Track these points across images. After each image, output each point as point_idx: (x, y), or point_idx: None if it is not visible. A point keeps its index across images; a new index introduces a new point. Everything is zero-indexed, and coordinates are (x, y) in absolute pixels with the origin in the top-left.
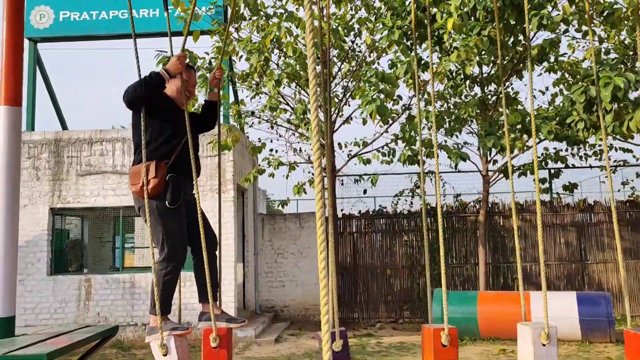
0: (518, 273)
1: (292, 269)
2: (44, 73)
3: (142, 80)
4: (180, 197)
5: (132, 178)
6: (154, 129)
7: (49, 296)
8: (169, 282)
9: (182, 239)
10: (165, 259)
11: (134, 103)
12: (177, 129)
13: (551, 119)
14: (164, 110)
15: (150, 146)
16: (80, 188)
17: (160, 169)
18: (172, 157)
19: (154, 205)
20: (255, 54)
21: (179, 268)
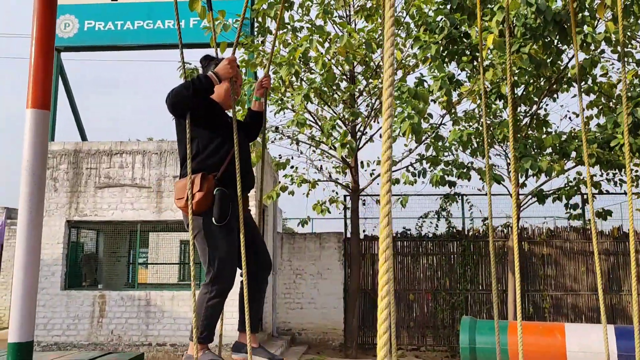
0: (600, 304)
1: (311, 291)
2: (66, 83)
3: (189, 82)
4: (229, 213)
5: (177, 192)
6: (201, 139)
7: (62, 312)
8: (213, 307)
9: (232, 259)
10: (211, 282)
11: (178, 106)
12: (226, 137)
13: (591, 141)
14: (212, 117)
15: (197, 158)
16: (98, 201)
17: (207, 182)
18: (220, 168)
19: (200, 222)
20: (286, 67)
21: (227, 292)
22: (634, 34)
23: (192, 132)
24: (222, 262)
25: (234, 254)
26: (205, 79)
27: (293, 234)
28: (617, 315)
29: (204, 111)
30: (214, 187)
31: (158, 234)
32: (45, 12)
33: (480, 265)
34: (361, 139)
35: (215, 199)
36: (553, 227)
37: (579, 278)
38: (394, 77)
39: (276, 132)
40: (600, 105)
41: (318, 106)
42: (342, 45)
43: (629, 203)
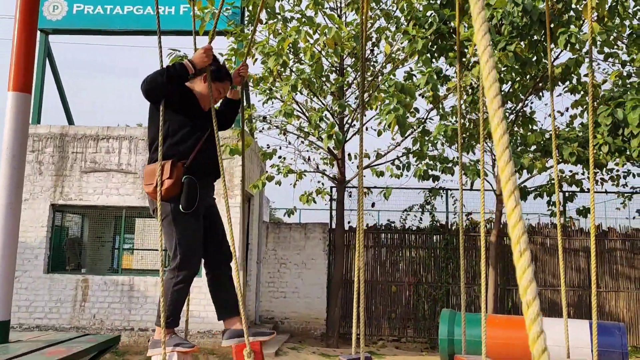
0: (562, 299)
1: (295, 280)
2: (53, 66)
3: (164, 69)
4: (196, 202)
5: (147, 178)
6: (172, 123)
7: (44, 295)
8: (178, 292)
9: (198, 246)
10: (177, 268)
11: (152, 92)
12: (198, 126)
13: (572, 140)
14: (187, 105)
15: (167, 142)
16: (84, 185)
17: (176, 170)
18: (190, 156)
19: (168, 209)
20: (274, 57)
21: (192, 278)
22: (620, 36)
23: (164, 115)
24: (189, 249)
25: (199, 241)
26: (180, 67)
27: (278, 223)
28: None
29: (179, 97)
30: (183, 174)
31: (144, 220)
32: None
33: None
34: (349, 131)
35: (183, 186)
36: (535, 223)
37: (558, 274)
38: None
39: (264, 121)
40: (585, 105)
41: (307, 97)
42: (331, 37)
43: (592, 199)
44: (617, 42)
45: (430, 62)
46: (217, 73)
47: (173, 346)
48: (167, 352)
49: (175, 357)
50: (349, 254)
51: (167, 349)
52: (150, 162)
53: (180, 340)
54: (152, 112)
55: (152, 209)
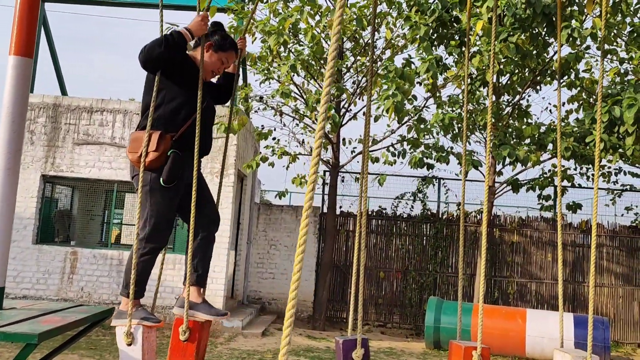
0: (559, 292)
1: (284, 262)
2: (48, 34)
3: (161, 38)
4: (177, 178)
5: (132, 144)
6: (168, 92)
7: (32, 266)
8: (144, 263)
9: (169, 221)
10: (145, 239)
11: (150, 62)
12: (192, 98)
13: (568, 135)
14: (186, 75)
15: (159, 110)
16: (76, 157)
17: (164, 142)
18: (179, 130)
19: (148, 178)
20: (274, 36)
21: (158, 251)
22: (620, 33)
23: (160, 83)
24: (159, 221)
25: (172, 216)
26: (178, 35)
27: (270, 205)
28: (579, 304)
29: (179, 66)
30: (170, 148)
31: (134, 195)
32: None
33: (452, 248)
34: (345, 116)
35: (168, 160)
36: (525, 216)
37: (545, 267)
38: None
39: (260, 101)
40: (581, 100)
41: (304, 79)
42: (333, 18)
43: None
44: (617, 39)
45: (431, 50)
46: (222, 42)
47: (140, 319)
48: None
49: (140, 330)
50: (339, 238)
51: (133, 321)
52: (139, 128)
53: (147, 314)
54: (149, 78)
55: (132, 175)
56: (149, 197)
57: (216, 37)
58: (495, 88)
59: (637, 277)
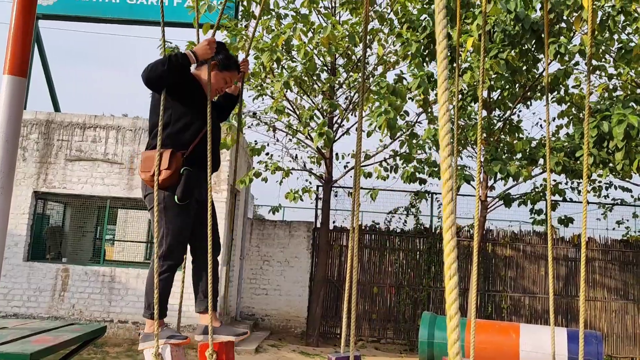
0: (550, 307)
1: (277, 278)
2: (42, 51)
3: (165, 58)
4: (191, 195)
5: (144, 164)
6: (175, 111)
7: (23, 283)
8: (164, 281)
9: (184, 238)
10: (162, 257)
11: (153, 81)
12: (198, 116)
13: (558, 150)
14: (191, 93)
15: (167, 130)
16: (68, 173)
17: (175, 160)
18: (190, 147)
19: (161, 197)
20: (268, 53)
21: (176, 268)
22: (608, 49)
23: (166, 102)
24: (175, 239)
25: (187, 233)
26: (182, 57)
27: (263, 220)
28: (573, 318)
29: (183, 85)
30: (182, 165)
31: (127, 211)
32: None
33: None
34: (337, 131)
35: (181, 178)
36: (518, 230)
37: (538, 281)
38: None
39: (253, 117)
40: (571, 116)
41: (297, 95)
42: (326, 35)
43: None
44: (605, 55)
45: (422, 66)
46: (226, 62)
47: (166, 338)
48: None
49: (167, 349)
50: (332, 253)
51: (160, 341)
52: (148, 147)
53: (173, 332)
54: (154, 98)
55: (145, 194)
56: (164, 215)
57: (220, 56)
58: (486, 103)
59: (630, 291)
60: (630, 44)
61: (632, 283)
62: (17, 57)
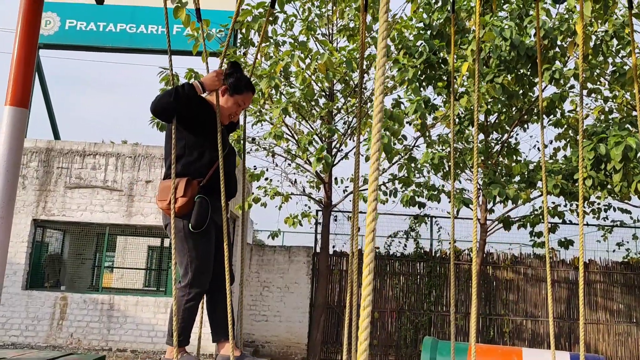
0: (550, 332)
1: (277, 304)
2: (42, 80)
3: (172, 90)
4: (206, 221)
5: (161, 193)
6: (189, 140)
7: (21, 312)
8: (190, 309)
9: (209, 264)
10: (189, 285)
11: (160, 111)
12: (213, 143)
13: (556, 172)
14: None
15: (182, 160)
16: (67, 201)
17: (191, 188)
18: (206, 175)
19: (180, 225)
20: (266, 80)
21: (202, 296)
22: (603, 72)
23: (180, 133)
24: (200, 266)
25: (210, 259)
26: (189, 87)
27: (262, 245)
28: (575, 341)
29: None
30: (197, 193)
31: (126, 238)
32: (31, 11)
33: (446, 287)
34: (336, 156)
35: (195, 205)
36: (518, 253)
37: (540, 304)
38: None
39: (252, 143)
40: (568, 138)
41: (296, 120)
42: (323, 62)
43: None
44: (600, 78)
45: (419, 91)
46: (237, 84)
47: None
48: None
49: None
50: (332, 278)
51: None
52: (165, 177)
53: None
54: (168, 127)
55: (165, 224)
56: (185, 243)
57: (231, 79)
58: (483, 127)
59: (632, 314)
60: (624, 67)
61: (635, 305)
62: (18, 88)
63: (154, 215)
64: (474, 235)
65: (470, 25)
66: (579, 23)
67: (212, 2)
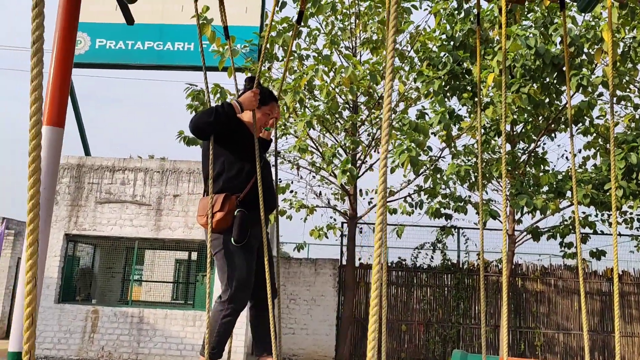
0: (585, 346)
1: (304, 317)
2: (73, 98)
3: (212, 109)
4: (248, 235)
5: (200, 209)
6: (227, 157)
7: (54, 325)
8: (226, 324)
9: (249, 280)
10: (228, 300)
11: (200, 130)
12: (251, 158)
13: (586, 182)
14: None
15: (222, 177)
16: (98, 216)
17: (228, 202)
18: (244, 189)
19: (220, 241)
20: (291, 94)
21: (240, 311)
22: (632, 79)
23: (218, 150)
24: (240, 282)
25: (251, 275)
26: (229, 107)
27: (288, 258)
28: (610, 355)
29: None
30: (236, 207)
31: (154, 252)
32: (66, 33)
33: (474, 299)
34: (361, 168)
35: (235, 219)
36: (548, 264)
37: (572, 317)
38: (391, 112)
39: (277, 156)
40: (597, 147)
41: (320, 133)
42: (347, 76)
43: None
44: (630, 85)
45: (444, 103)
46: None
47: None
48: None
49: None
50: (359, 291)
51: None
52: (205, 194)
53: None
54: (205, 146)
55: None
56: (226, 259)
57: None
58: (509, 136)
59: None
60: None
61: None
62: (55, 108)
63: (181, 229)
64: (504, 248)
65: (494, 36)
66: (607, 30)
67: (236, 19)
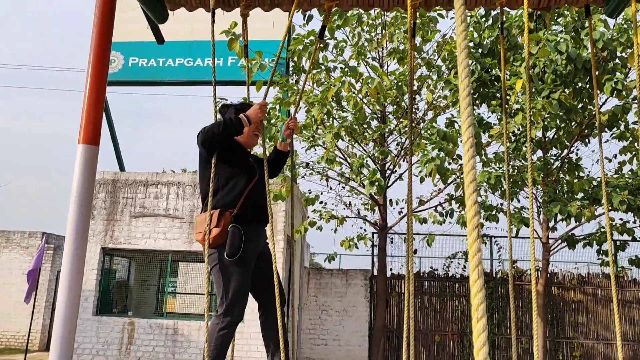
0: (619, 354)
1: (336, 327)
2: (108, 116)
3: (221, 122)
4: (240, 249)
5: (197, 226)
6: (221, 176)
7: (92, 337)
8: (223, 337)
9: (244, 294)
10: (224, 313)
11: (208, 142)
12: (244, 174)
13: (622, 188)
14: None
15: (217, 195)
16: (132, 229)
17: (223, 218)
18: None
19: (216, 256)
20: (318, 106)
21: (236, 324)
22: None
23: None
24: (235, 296)
25: (246, 289)
26: (237, 120)
27: (320, 269)
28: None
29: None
30: (230, 223)
31: (188, 264)
32: (100, 53)
33: (509, 309)
34: (390, 177)
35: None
36: (585, 273)
37: (612, 327)
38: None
39: (306, 168)
40: (634, 152)
41: (348, 144)
42: (374, 87)
43: None
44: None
45: (473, 110)
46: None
47: None
48: None
49: None
50: (391, 301)
51: None
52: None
53: None
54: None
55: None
56: (221, 274)
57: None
58: (541, 143)
59: None
60: None
61: None
62: (90, 126)
63: None
64: (532, 256)
65: (522, 42)
66: (636, 35)
67: (264, 33)
